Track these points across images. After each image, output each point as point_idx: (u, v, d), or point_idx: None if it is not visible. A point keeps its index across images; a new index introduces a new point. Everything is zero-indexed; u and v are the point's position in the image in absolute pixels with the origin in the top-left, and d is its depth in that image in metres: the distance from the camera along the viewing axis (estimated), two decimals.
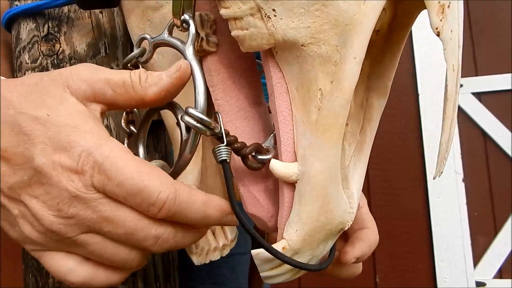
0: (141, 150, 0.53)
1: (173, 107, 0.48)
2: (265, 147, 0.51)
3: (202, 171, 0.61)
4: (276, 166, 0.47)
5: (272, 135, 0.53)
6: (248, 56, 0.55)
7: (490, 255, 2.45)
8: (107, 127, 0.61)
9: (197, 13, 0.52)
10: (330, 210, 0.46)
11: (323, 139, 0.44)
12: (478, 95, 2.55)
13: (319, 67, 0.44)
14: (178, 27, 0.49)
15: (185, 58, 0.47)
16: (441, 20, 0.40)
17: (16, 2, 0.64)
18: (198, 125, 0.45)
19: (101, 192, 0.41)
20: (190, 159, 0.48)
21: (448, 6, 0.40)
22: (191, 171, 0.57)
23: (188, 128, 0.46)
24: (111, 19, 0.64)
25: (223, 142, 0.47)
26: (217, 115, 0.48)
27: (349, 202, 0.49)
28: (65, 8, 0.63)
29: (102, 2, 0.57)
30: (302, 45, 0.44)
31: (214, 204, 0.45)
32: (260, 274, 0.50)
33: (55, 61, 0.61)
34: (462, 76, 1.88)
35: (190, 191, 0.43)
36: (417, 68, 2.59)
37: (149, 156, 0.66)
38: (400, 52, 0.50)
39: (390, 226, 2.57)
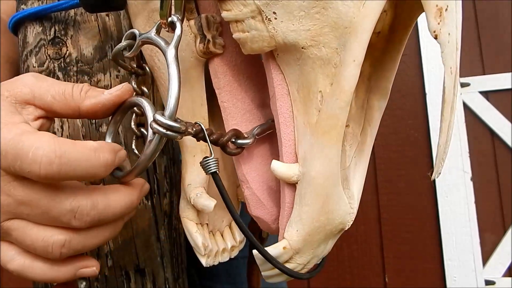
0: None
1: (143, 106, 0.48)
2: (245, 134, 0.52)
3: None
4: (277, 167, 0.48)
5: (258, 126, 0.54)
6: (254, 58, 0.55)
7: (499, 254, 2.44)
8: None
9: (203, 15, 0.52)
10: (330, 211, 0.46)
11: (323, 140, 0.45)
12: (486, 94, 2.53)
13: (319, 69, 0.45)
14: (165, 28, 0.50)
15: (166, 59, 0.47)
16: (438, 23, 0.40)
17: (23, 6, 0.64)
18: (168, 132, 0.45)
19: (8, 172, 0.41)
20: (152, 160, 0.48)
21: (446, 9, 0.40)
22: (199, 173, 0.58)
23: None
24: (117, 22, 0.64)
25: (196, 138, 0.48)
26: (199, 125, 0.48)
27: (350, 203, 0.49)
28: (72, 12, 0.63)
29: (108, 5, 0.57)
30: (302, 48, 0.45)
31: (106, 147, 0.44)
32: (262, 273, 0.51)
33: (62, 64, 0.61)
34: (469, 75, 1.87)
35: (74, 142, 0.42)
36: (424, 67, 2.58)
37: (157, 159, 0.66)
38: (400, 53, 0.51)
39: (399, 225, 2.57)
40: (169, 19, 0.49)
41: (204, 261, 0.60)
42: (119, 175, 0.49)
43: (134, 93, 0.60)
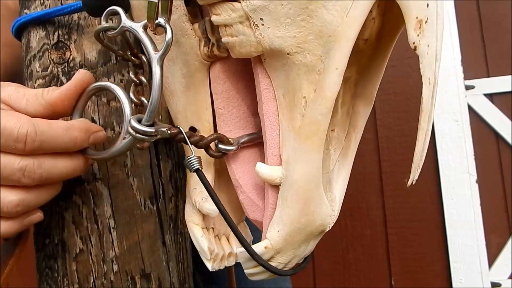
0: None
1: (119, 97, 0.54)
2: (231, 140, 0.55)
3: (215, 180, 0.62)
4: (262, 169, 0.50)
5: (246, 134, 0.56)
6: None
7: (505, 256, 2.43)
8: (118, 133, 0.62)
9: (207, 19, 0.53)
10: (311, 213, 0.48)
11: (306, 145, 0.46)
12: (490, 96, 2.52)
13: (304, 75, 0.46)
14: (152, 30, 0.50)
15: (151, 66, 0.49)
16: (418, 35, 0.41)
17: (26, 11, 0.64)
18: (140, 136, 0.50)
19: None
20: (119, 155, 0.54)
21: (426, 22, 0.41)
22: None
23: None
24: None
25: (175, 141, 0.52)
26: (177, 128, 0.52)
27: (331, 205, 0.51)
28: (75, 16, 0.63)
29: None
30: (288, 54, 0.46)
31: (77, 126, 0.52)
32: (245, 271, 0.53)
33: (66, 69, 0.61)
34: (474, 78, 1.87)
35: (49, 121, 0.50)
36: None
37: (162, 163, 0.66)
38: (386, 61, 0.52)
39: (404, 228, 2.56)
40: (156, 21, 0.49)
41: (210, 266, 0.60)
42: (89, 154, 0.56)
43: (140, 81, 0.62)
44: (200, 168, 0.51)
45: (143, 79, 0.61)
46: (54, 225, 0.62)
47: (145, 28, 0.51)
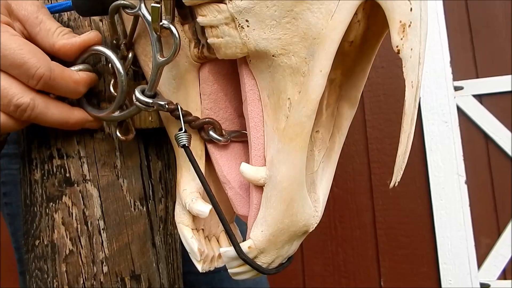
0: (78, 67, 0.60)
1: (114, 65, 0.58)
2: (224, 132, 0.56)
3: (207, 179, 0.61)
4: (246, 169, 0.50)
5: (238, 130, 0.58)
6: None
7: (494, 257, 2.44)
8: (109, 134, 0.62)
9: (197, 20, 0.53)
10: (294, 213, 0.49)
11: (290, 146, 0.47)
12: (479, 97, 2.53)
13: (289, 77, 0.46)
14: (157, 33, 0.51)
15: (152, 66, 0.52)
16: (401, 39, 0.42)
17: None
18: (142, 105, 0.54)
19: None
20: (118, 119, 0.59)
21: (409, 25, 0.42)
22: (194, 178, 0.58)
23: None
24: (111, 26, 0.64)
25: (172, 113, 0.55)
26: (175, 104, 0.55)
27: (314, 206, 0.52)
28: (65, 17, 0.63)
29: (102, 9, 0.57)
30: (273, 56, 0.47)
31: (83, 81, 0.58)
32: (228, 270, 0.53)
33: None
34: (462, 79, 1.87)
35: (63, 70, 0.55)
36: None
37: (152, 164, 0.66)
38: (370, 63, 0.53)
39: (394, 229, 2.57)
40: (161, 23, 0.50)
41: (200, 267, 0.60)
42: (87, 110, 0.61)
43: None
44: (187, 145, 0.53)
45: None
46: (44, 227, 0.62)
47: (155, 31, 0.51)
